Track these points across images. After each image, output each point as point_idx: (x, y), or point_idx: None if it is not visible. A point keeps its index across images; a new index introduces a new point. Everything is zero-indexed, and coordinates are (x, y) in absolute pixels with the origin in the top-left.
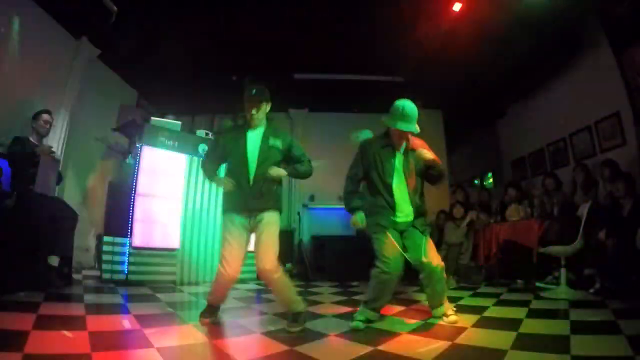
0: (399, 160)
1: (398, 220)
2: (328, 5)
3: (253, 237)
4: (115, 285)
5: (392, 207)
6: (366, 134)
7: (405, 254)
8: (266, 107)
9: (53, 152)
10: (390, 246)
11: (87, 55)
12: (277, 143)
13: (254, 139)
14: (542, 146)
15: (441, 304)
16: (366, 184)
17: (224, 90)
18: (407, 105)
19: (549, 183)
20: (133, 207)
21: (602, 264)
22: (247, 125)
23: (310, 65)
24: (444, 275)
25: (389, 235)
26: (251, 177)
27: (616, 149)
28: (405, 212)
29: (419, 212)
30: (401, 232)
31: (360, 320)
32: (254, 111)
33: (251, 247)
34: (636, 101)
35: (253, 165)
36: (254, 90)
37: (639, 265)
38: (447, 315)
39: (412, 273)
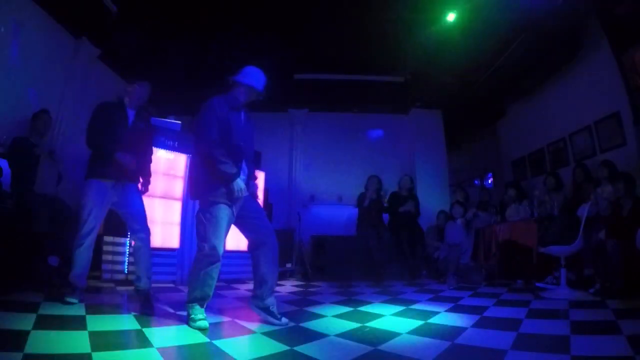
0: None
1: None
2: (328, 6)
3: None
4: (115, 285)
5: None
6: None
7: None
8: None
9: (53, 152)
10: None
11: (87, 55)
12: None
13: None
14: (542, 146)
15: None
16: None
17: (224, 90)
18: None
19: (550, 182)
20: None
21: (602, 264)
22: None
23: (310, 65)
24: None
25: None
26: None
27: (616, 149)
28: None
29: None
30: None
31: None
32: None
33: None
34: (636, 101)
35: None
36: None
37: (639, 265)
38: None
39: (411, 272)
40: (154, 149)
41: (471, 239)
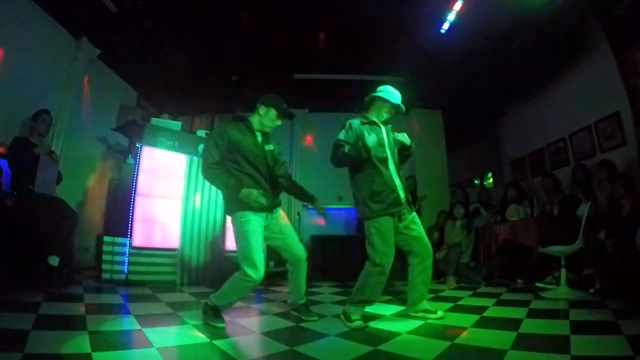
0: (387, 135)
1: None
2: (328, 5)
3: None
4: (115, 285)
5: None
6: None
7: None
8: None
9: (53, 152)
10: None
11: (87, 55)
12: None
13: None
14: (542, 146)
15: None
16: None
17: (224, 90)
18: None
19: (547, 183)
20: (133, 207)
21: (602, 264)
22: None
23: (310, 65)
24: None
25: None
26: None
27: (616, 149)
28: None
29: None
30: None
31: (358, 319)
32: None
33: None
34: (636, 101)
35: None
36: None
37: (639, 265)
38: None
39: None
40: None
41: (471, 238)
